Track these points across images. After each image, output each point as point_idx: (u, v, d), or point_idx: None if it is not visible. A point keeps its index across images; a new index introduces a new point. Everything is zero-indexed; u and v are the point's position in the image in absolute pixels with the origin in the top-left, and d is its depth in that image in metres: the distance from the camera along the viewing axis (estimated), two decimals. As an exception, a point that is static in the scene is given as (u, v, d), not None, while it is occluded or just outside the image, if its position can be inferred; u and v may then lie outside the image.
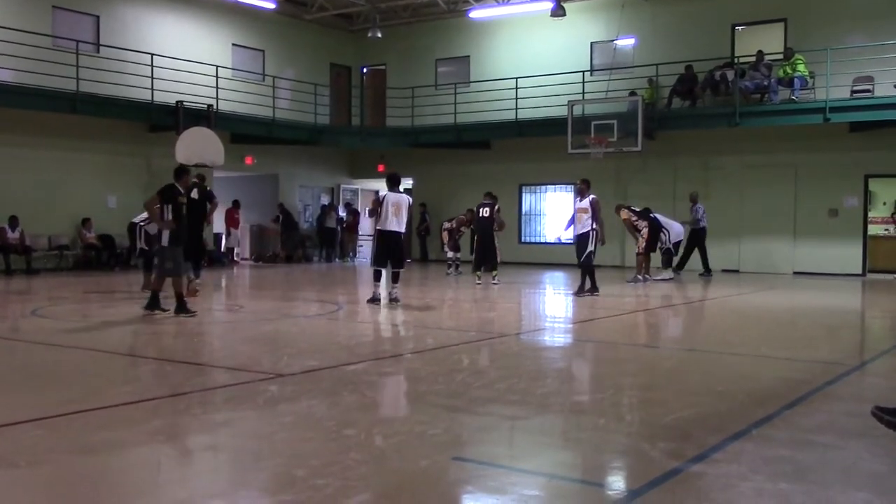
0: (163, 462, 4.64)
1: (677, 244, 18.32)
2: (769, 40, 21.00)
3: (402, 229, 12.42)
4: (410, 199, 12.75)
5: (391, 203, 12.21)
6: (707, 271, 19.36)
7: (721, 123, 20.77)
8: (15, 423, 5.13)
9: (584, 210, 14.02)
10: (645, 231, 17.39)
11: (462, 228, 19.68)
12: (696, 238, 19.36)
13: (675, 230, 18.20)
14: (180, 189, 10.85)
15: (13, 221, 18.37)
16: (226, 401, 6.12)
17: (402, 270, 12.65)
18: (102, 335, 9.56)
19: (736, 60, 21.09)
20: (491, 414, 5.60)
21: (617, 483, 4.33)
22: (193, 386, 6.67)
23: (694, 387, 6.71)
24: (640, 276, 17.39)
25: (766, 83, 20.15)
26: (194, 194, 13.39)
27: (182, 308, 10.65)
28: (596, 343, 9.47)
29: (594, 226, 13.97)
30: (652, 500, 3.86)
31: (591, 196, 14.08)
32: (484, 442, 4.98)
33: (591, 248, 14.00)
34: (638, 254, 17.74)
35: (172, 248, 10.66)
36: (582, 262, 14.13)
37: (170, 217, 10.61)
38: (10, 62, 17.96)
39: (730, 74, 20.64)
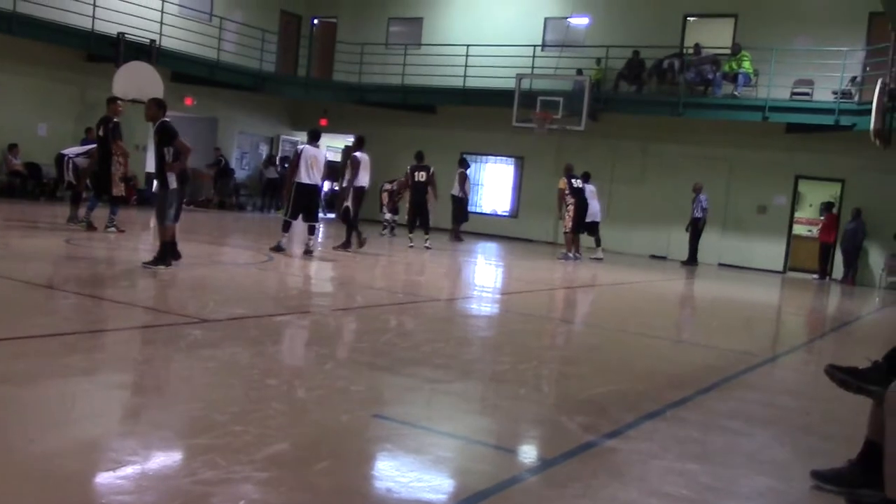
0: (77, 397, 4.56)
1: (591, 223, 18.54)
2: (719, 34, 21.29)
3: (318, 182, 12.71)
4: (327, 154, 12.83)
5: (308, 156, 12.43)
6: (691, 261, 19.93)
7: (664, 111, 21.05)
8: (-75, 346, 4.98)
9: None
10: (571, 208, 17.39)
11: (402, 191, 19.61)
12: (696, 228, 19.79)
13: (592, 209, 18.46)
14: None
15: (-65, 140, 17.68)
16: (147, 341, 6.04)
17: (317, 224, 13.00)
18: (22, 265, 9.29)
19: (685, 51, 21.37)
20: (414, 375, 5.64)
21: (532, 451, 4.41)
22: (114, 323, 6.57)
23: (614, 365, 6.86)
24: (570, 254, 17.54)
25: (710, 76, 20.48)
26: (101, 132, 13.25)
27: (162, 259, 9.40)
28: (522, 315, 9.58)
29: (352, 182, 14.12)
30: (566, 471, 3.95)
31: (354, 153, 14.25)
32: (405, 402, 5.02)
33: (346, 202, 14.20)
34: (565, 232, 17.78)
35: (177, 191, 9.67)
36: (340, 216, 14.54)
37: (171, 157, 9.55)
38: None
39: (678, 64, 20.92)
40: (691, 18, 22.08)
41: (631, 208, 22.15)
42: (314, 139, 12.80)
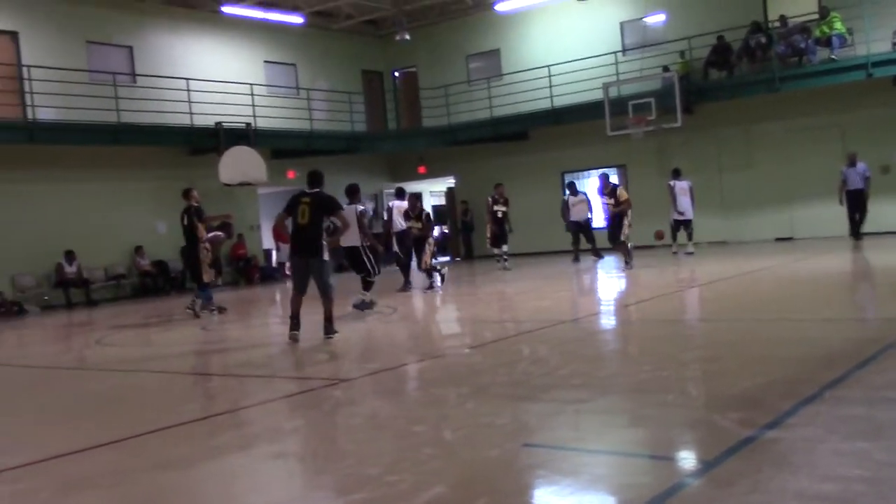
0: (236, 472, 4.71)
1: (679, 222, 18.45)
2: (802, 1, 20.59)
3: (355, 242, 12.23)
4: (359, 208, 12.46)
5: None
6: (855, 235, 18.04)
7: (760, 90, 20.44)
8: (93, 447, 5.25)
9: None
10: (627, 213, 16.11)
11: (497, 207, 18.95)
12: (854, 200, 17.97)
13: (683, 206, 18.27)
14: (305, 191, 9.71)
15: (69, 256, 18.77)
16: (292, 409, 6.19)
17: (366, 277, 12.56)
18: (165, 357, 9.73)
19: (769, 25, 20.76)
20: (556, 400, 5.59)
21: (690, 455, 4.28)
22: (259, 398, 6.77)
23: (759, 355, 6.61)
24: (632, 262, 15.93)
25: (802, 45, 19.80)
26: (185, 221, 13.45)
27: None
28: (653, 322, 9.37)
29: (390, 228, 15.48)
30: (729, 469, 3.81)
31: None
32: (552, 427, 4.97)
33: (395, 248, 15.80)
34: (623, 241, 15.99)
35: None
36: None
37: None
38: (52, 100, 18.35)
39: (765, 39, 20.33)
40: (771, -9, 21.46)
41: (744, 194, 21.48)
42: (347, 196, 12.67)
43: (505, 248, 19.02)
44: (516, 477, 4.06)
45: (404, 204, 15.59)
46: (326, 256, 9.45)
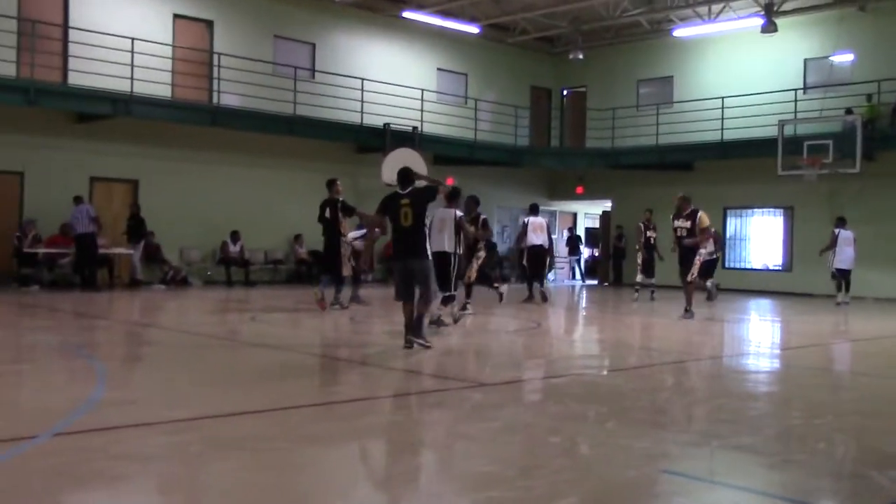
0: (370, 456, 4.83)
1: (842, 271, 17.69)
2: None
3: (449, 248, 11.19)
4: (458, 213, 11.43)
5: (437, 219, 11.16)
6: None
7: (953, 142, 19.17)
8: (241, 413, 5.50)
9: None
10: (707, 248, 14.30)
11: (650, 233, 18.31)
12: None
13: (846, 255, 17.53)
14: (399, 192, 9.20)
15: (234, 236, 19.74)
16: (433, 405, 6.28)
17: (449, 293, 11.28)
18: (313, 341, 10.08)
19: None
20: (699, 432, 5.43)
21: (841, 507, 4.07)
22: (401, 389, 6.91)
23: (925, 417, 6.20)
24: (692, 309, 13.82)
25: None
26: (327, 213, 13.59)
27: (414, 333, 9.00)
28: (808, 369, 8.93)
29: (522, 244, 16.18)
30: (883, 526, 3.60)
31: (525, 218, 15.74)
32: (693, 457, 4.83)
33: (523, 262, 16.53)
34: (689, 282, 13.75)
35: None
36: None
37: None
38: (236, 87, 19.41)
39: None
40: (975, 38, 20.10)
41: (923, 251, 20.17)
42: (448, 200, 11.42)
43: (652, 280, 18.49)
44: (652, 501, 3.97)
45: (539, 220, 16.24)
46: (430, 258, 9.12)
